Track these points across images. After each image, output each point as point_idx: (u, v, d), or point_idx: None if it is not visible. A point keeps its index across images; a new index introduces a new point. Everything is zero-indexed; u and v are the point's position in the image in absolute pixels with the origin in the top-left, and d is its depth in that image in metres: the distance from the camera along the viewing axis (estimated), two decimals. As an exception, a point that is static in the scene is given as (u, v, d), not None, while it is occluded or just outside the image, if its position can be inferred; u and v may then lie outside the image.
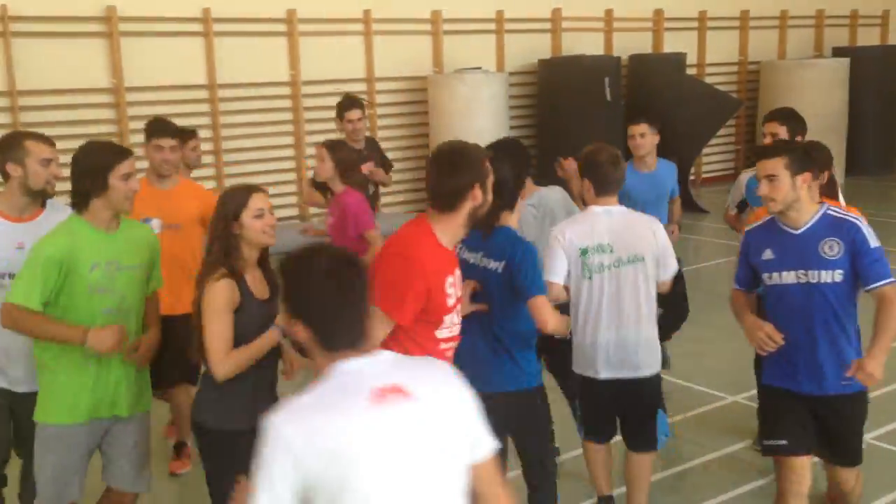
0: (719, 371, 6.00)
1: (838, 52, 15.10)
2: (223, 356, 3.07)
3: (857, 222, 3.40)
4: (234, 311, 3.11)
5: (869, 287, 3.34)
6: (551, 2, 12.83)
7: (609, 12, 13.34)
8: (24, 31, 9.41)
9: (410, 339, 2.96)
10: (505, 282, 3.38)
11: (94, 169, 3.30)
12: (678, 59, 13.22)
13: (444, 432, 2.01)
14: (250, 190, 3.25)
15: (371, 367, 2.02)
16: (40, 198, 3.67)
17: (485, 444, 2.08)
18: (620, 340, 3.80)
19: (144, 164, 4.79)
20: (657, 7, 13.82)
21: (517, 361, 3.49)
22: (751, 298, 3.66)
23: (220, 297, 3.08)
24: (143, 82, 9.99)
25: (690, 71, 13.80)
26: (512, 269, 3.36)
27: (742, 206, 5.13)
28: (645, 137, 5.57)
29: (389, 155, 11.83)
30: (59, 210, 3.70)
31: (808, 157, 3.45)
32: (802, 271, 3.39)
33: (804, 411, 3.48)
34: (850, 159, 14.26)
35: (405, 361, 2.13)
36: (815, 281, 3.39)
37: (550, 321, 3.35)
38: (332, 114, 12.15)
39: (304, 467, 1.88)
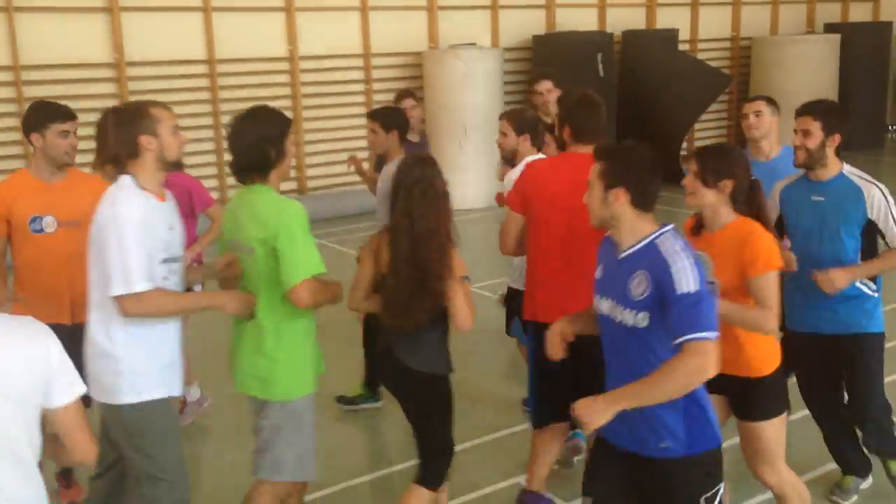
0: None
1: (830, 28, 15.26)
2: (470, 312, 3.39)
3: (670, 260, 2.60)
4: None
5: (674, 341, 2.57)
6: (546, -22, 12.99)
7: (603, -12, 13.50)
8: (27, 6, 9.57)
9: None
10: None
11: (275, 137, 3.20)
12: (671, 35, 13.37)
13: (8, 380, 2.15)
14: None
15: None
16: (171, 170, 3.35)
17: (61, 393, 2.25)
18: None
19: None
20: (651, -17, 13.97)
21: None
22: None
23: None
24: (144, 57, 10.17)
25: (683, 47, 13.96)
26: None
27: (779, 226, 3.86)
28: (761, 117, 4.51)
29: (385, 129, 12.08)
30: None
31: (629, 170, 2.73)
32: (615, 304, 2.74)
33: (622, 471, 2.84)
34: (840, 134, 14.45)
35: None
36: (618, 320, 2.73)
37: None
38: (330, 88, 12.36)
39: None
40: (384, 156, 5.12)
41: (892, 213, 3.63)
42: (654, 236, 2.70)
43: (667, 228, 2.73)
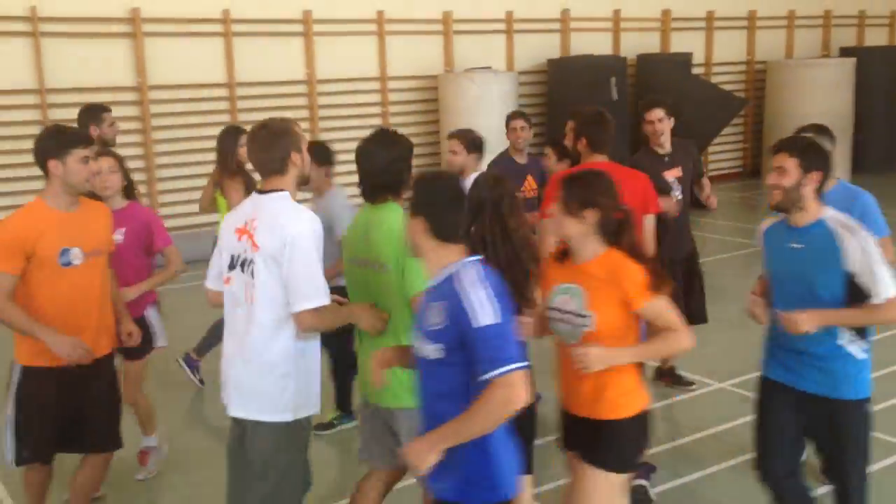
0: (713, 359, 6.29)
1: (845, 52, 15.32)
2: None
3: (464, 293, 2.53)
4: None
5: (479, 377, 2.49)
6: (560, 2, 13.14)
7: (617, 13, 13.63)
8: (52, 31, 9.83)
9: None
10: None
11: (408, 156, 3.45)
12: (684, 59, 13.49)
13: None
14: None
15: None
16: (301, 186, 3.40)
17: None
18: None
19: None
20: (665, 7, 14.09)
21: None
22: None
23: None
24: (166, 81, 10.39)
25: (697, 70, 14.07)
26: None
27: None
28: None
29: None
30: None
31: (426, 200, 2.68)
32: (419, 336, 2.69)
33: None
34: (856, 158, 14.51)
35: None
36: (421, 353, 2.66)
37: None
38: (347, 111, 12.55)
39: None
40: (316, 190, 5.20)
41: (873, 264, 3.21)
42: (455, 268, 2.62)
43: (470, 259, 2.65)
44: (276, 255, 3.06)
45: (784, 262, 3.41)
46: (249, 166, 3.91)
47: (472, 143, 5.30)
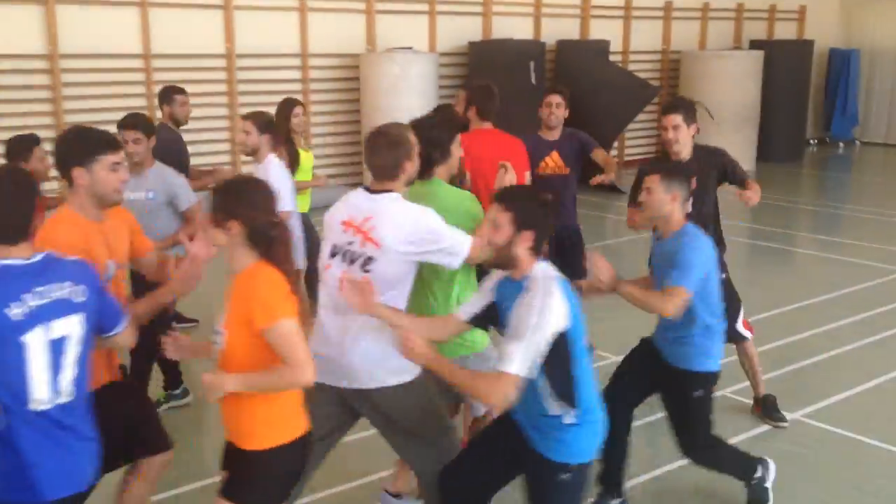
0: (626, 336, 6.51)
1: (755, 44, 15.89)
2: None
3: None
4: None
5: None
6: (483, -15, 13.27)
7: (539, -2, 13.85)
8: None
9: None
10: None
11: (444, 140, 3.75)
12: (602, 46, 13.78)
13: None
14: None
15: None
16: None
17: None
18: None
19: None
20: (585, -5, 14.37)
21: None
22: None
23: None
24: (79, 50, 10.11)
25: (615, 58, 14.39)
26: None
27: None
28: (652, 194, 3.83)
29: (321, 129, 12.20)
30: None
31: None
32: None
33: None
34: (762, 147, 15.11)
35: None
36: None
37: None
38: (266, 87, 12.38)
39: None
40: (139, 165, 4.94)
41: (522, 331, 2.88)
42: None
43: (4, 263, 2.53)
44: (406, 247, 3.29)
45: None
46: None
47: (265, 124, 5.44)
